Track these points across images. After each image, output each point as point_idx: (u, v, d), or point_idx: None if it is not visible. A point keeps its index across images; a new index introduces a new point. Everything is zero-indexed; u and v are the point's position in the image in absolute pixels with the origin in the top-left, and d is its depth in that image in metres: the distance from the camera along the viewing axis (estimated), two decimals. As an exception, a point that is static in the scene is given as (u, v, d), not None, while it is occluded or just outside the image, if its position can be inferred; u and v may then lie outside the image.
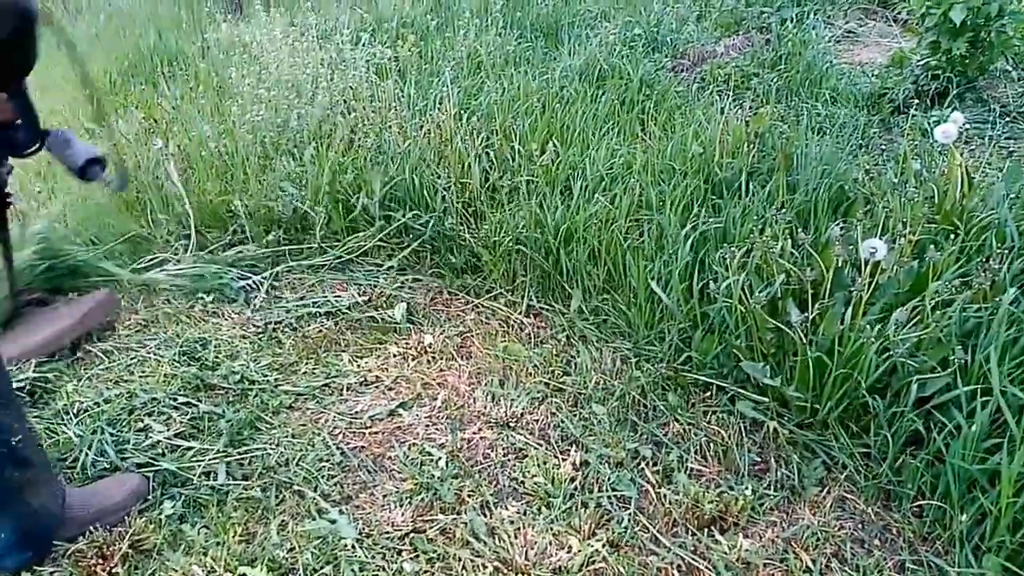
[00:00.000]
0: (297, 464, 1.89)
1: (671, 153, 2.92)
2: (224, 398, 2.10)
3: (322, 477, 1.85)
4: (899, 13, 5.21)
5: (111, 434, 1.92)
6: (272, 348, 2.34)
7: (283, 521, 1.72)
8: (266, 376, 2.20)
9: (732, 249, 2.11)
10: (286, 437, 1.98)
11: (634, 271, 2.33)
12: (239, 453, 1.91)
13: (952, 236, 2.18)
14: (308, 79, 3.47)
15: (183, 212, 2.86)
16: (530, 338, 2.39)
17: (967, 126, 3.45)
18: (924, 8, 3.76)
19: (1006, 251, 2.05)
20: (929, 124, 3.45)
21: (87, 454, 1.85)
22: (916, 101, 3.78)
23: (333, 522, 1.71)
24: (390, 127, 3.07)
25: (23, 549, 1.57)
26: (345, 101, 3.37)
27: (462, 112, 3.21)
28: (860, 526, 1.73)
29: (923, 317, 1.88)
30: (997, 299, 1.86)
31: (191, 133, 3.29)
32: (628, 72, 3.89)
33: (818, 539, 1.69)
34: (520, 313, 2.49)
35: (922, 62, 3.88)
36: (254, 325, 2.44)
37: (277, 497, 1.79)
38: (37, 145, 1.34)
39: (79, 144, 1.31)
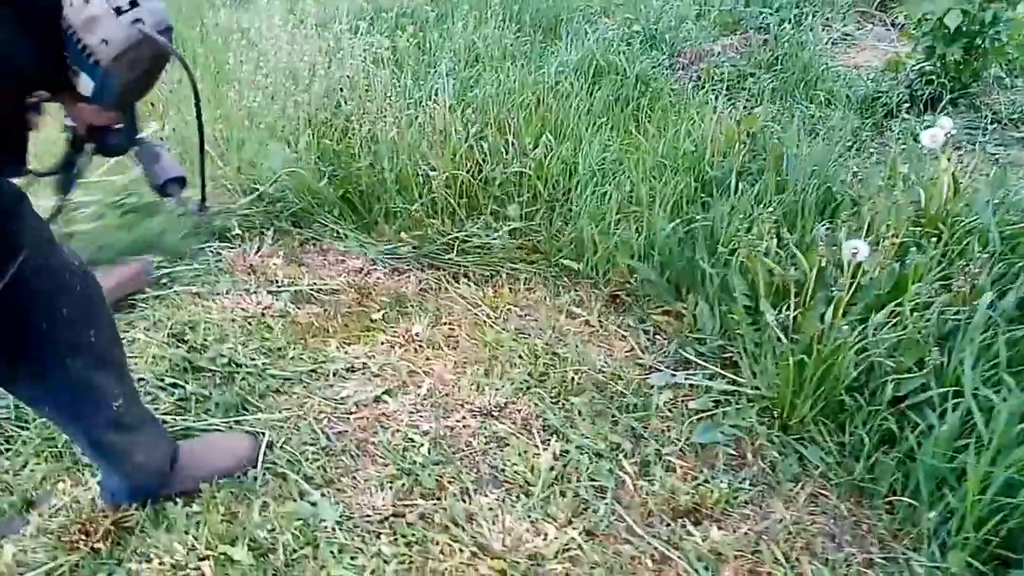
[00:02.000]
0: (281, 447, 1.91)
1: (663, 150, 2.94)
2: (211, 380, 2.12)
3: (305, 460, 1.87)
4: (896, 18, 5.23)
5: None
6: (261, 333, 2.35)
7: (265, 502, 1.75)
8: (254, 360, 2.22)
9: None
10: (271, 420, 2.00)
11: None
12: (224, 435, 1.93)
13: (935, 239, 2.21)
14: (305, 67, 3.48)
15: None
16: (517, 330, 2.41)
17: (954, 132, 3.47)
18: (920, 13, 3.78)
19: (987, 255, 2.08)
20: (920, 129, 3.47)
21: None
22: (909, 105, 3.81)
23: (314, 504, 1.74)
24: (385, 117, 3.08)
25: (133, 497, 1.69)
26: (341, 90, 3.38)
27: (456, 104, 3.22)
28: (832, 521, 1.76)
29: (902, 318, 1.91)
30: (975, 303, 1.89)
31: (187, 117, 3.30)
32: (624, 68, 3.90)
33: (790, 533, 1.72)
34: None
35: (917, 67, 3.91)
36: (242, 309, 2.45)
37: (260, 479, 1.82)
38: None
39: (167, 161, 1.32)
